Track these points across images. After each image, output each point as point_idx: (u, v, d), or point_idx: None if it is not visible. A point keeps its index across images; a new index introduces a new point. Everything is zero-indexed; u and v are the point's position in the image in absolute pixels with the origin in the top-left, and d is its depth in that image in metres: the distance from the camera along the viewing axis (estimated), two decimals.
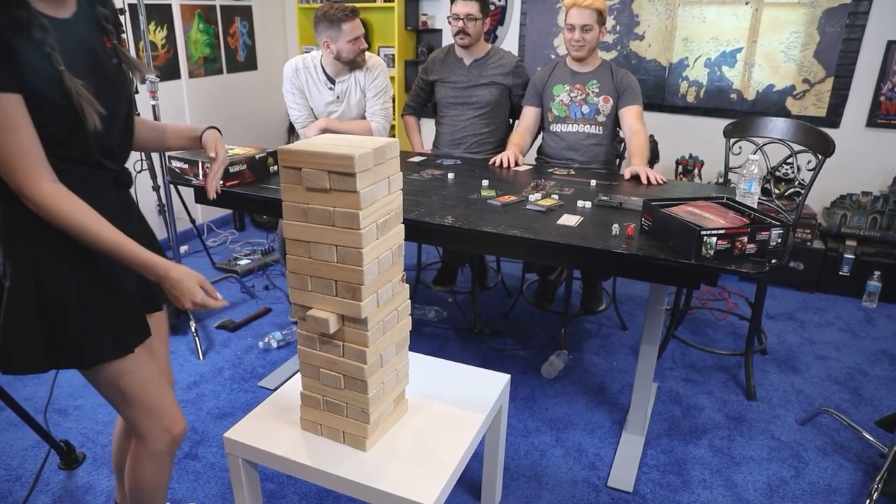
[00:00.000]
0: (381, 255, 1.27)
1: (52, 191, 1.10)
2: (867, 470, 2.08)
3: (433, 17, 4.35)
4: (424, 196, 2.19)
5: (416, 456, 1.38)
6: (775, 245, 1.68)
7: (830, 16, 3.38)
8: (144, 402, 1.35)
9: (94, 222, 1.13)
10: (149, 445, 1.40)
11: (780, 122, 2.63)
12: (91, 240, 1.14)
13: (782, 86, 3.58)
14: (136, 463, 1.44)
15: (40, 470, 2.04)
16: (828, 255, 3.38)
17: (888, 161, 3.44)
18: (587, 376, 2.63)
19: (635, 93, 2.71)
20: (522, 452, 2.15)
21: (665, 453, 2.16)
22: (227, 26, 4.18)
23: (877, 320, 3.15)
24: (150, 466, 1.43)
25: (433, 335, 2.96)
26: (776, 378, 2.62)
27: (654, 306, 2.01)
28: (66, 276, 1.20)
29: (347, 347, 1.31)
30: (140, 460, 1.43)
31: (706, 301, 3.35)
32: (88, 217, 1.13)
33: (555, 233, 1.83)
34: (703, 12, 3.65)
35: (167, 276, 1.19)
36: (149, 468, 1.43)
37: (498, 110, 3.03)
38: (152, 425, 1.38)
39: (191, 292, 1.21)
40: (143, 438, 1.39)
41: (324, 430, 1.42)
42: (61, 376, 2.56)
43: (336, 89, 2.77)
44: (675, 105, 3.85)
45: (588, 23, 2.60)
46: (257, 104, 4.55)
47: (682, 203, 1.88)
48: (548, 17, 4.03)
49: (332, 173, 1.16)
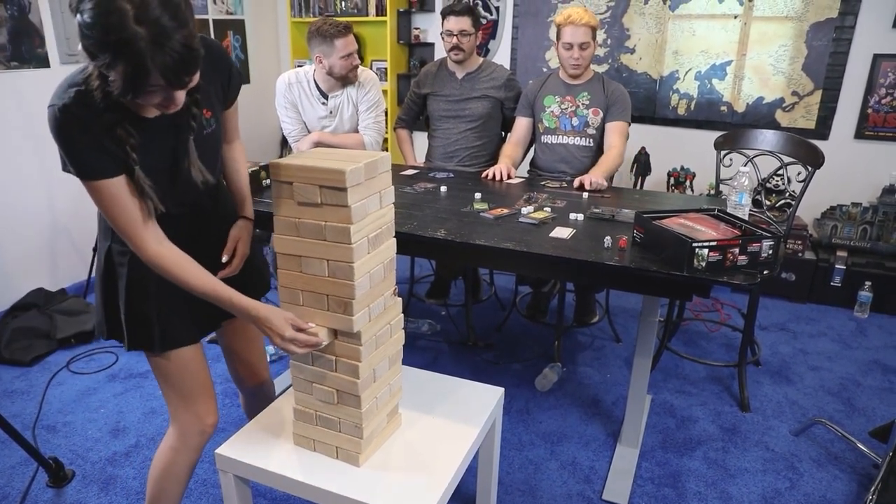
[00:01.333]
0: (372, 269, 1.27)
1: (156, 253, 1.28)
2: (861, 481, 2.08)
3: (425, 31, 4.38)
4: (417, 209, 2.19)
5: (409, 471, 1.37)
6: (767, 256, 1.69)
7: (817, 30, 3.42)
8: (180, 389, 1.49)
9: (193, 275, 1.30)
10: (180, 432, 1.52)
11: (770, 134, 2.65)
12: (191, 288, 1.30)
13: (772, 98, 3.62)
14: (164, 450, 1.54)
15: (28, 488, 2.01)
16: (819, 265, 3.40)
17: (877, 172, 3.48)
18: (581, 389, 2.62)
19: (623, 108, 2.72)
20: (517, 466, 2.14)
21: (660, 466, 2.15)
22: (220, 40, 4.19)
23: (868, 330, 3.17)
24: (178, 453, 1.52)
25: (426, 348, 2.94)
26: (770, 389, 2.62)
27: (648, 318, 2.01)
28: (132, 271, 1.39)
29: (340, 362, 1.31)
30: (171, 446, 1.53)
31: (699, 313, 3.35)
32: (187, 271, 1.29)
33: (547, 245, 1.84)
34: (693, 26, 3.69)
35: (257, 317, 1.30)
36: (177, 455, 1.53)
37: (490, 123, 3.05)
38: (185, 412, 1.50)
39: (279, 330, 1.28)
40: (177, 424, 1.52)
41: (317, 445, 1.41)
42: (51, 392, 2.53)
43: (329, 104, 2.78)
44: (667, 118, 3.89)
45: (585, 40, 2.62)
46: (250, 118, 4.55)
47: (674, 215, 1.89)
48: (539, 30, 4.07)
49: (324, 188, 1.16)
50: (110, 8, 1.01)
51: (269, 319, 1.28)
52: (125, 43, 1.01)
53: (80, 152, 1.18)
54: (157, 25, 1.02)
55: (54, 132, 1.17)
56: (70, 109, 1.15)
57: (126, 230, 1.25)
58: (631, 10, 3.80)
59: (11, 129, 3.01)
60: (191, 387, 1.50)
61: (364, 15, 4.22)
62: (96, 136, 1.17)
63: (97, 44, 1.03)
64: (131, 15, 1.01)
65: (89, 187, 1.22)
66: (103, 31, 1.02)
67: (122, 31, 1.01)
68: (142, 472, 2.09)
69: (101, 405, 2.46)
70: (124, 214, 1.24)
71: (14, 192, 3.03)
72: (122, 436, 2.28)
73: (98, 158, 1.19)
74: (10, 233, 3.08)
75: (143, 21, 1.01)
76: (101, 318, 1.47)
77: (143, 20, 1.01)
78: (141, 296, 1.41)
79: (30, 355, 2.76)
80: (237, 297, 1.31)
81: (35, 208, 3.17)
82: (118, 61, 1.03)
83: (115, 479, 2.06)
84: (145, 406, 2.44)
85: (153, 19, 1.02)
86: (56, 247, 3.32)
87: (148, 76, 1.05)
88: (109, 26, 1.01)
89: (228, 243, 1.52)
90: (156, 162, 1.28)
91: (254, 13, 4.47)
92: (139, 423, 2.35)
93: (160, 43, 1.03)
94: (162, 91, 1.10)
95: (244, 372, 1.73)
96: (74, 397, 2.51)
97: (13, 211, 3.07)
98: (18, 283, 3.12)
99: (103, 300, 1.45)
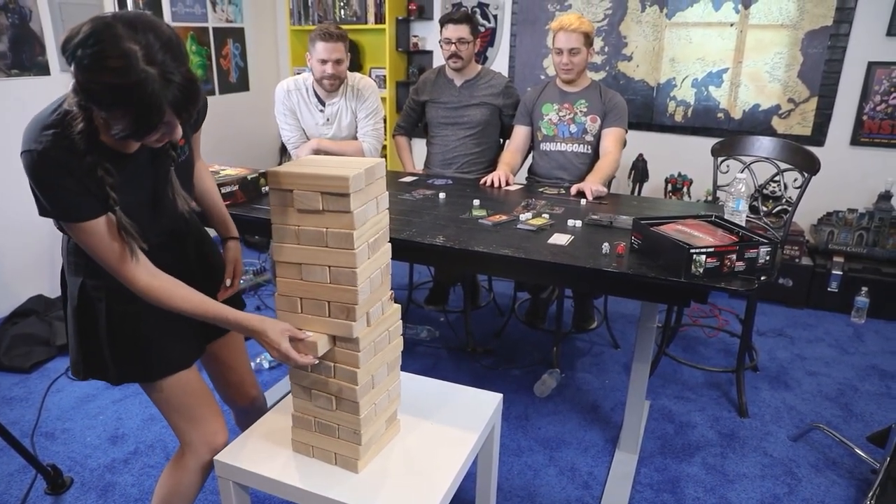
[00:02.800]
0: (372, 274, 1.28)
1: (147, 286, 1.25)
2: (860, 486, 2.09)
3: (424, 38, 4.40)
4: (416, 216, 2.20)
5: (408, 477, 1.37)
6: (764, 262, 1.70)
7: (812, 37, 3.45)
8: (186, 413, 1.47)
9: (186, 300, 1.28)
10: (190, 454, 1.48)
11: (766, 140, 2.67)
12: (185, 312, 1.28)
13: (768, 105, 3.64)
14: (174, 468, 1.51)
15: (26, 495, 2.00)
16: (816, 271, 3.41)
17: (872, 178, 3.49)
18: (580, 395, 2.62)
19: (620, 116, 2.74)
20: (516, 472, 2.14)
21: (658, 471, 2.16)
22: (220, 48, 4.21)
23: (865, 336, 3.17)
24: (187, 475, 1.49)
25: (425, 354, 2.95)
26: (768, 394, 2.63)
27: (646, 324, 2.02)
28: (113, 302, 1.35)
29: (339, 368, 1.31)
30: (179, 465, 1.50)
31: (697, 318, 3.36)
32: (180, 297, 1.28)
33: (545, 252, 1.84)
34: (690, 34, 3.71)
35: (255, 331, 1.29)
36: (186, 477, 1.49)
37: (488, 130, 3.06)
38: (194, 434, 1.47)
39: (276, 343, 1.27)
40: (188, 446, 1.48)
41: (315, 451, 1.41)
42: (49, 399, 2.53)
43: (326, 111, 2.79)
44: (664, 124, 3.91)
45: (575, 46, 2.64)
46: (249, 125, 4.57)
47: (672, 221, 1.90)
48: (537, 38, 4.09)
49: (326, 194, 1.17)
50: (118, 52, 0.98)
51: (266, 332, 1.28)
52: (138, 85, 0.99)
53: (63, 196, 1.14)
54: (164, 64, 1.02)
55: (33, 178, 1.13)
56: (49, 153, 1.10)
57: (115, 268, 1.23)
58: (628, 17, 3.82)
59: (12, 136, 3.00)
60: (197, 408, 1.48)
61: (363, 22, 4.24)
62: (78, 179, 1.13)
63: (104, 89, 1.00)
64: (140, 56, 0.99)
65: (75, 229, 1.19)
66: (113, 74, 0.99)
67: (133, 74, 0.99)
68: (140, 479, 2.09)
69: (100, 412, 2.46)
70: (112, 252, 1.21)
71: (14, 198, 3.03)
72: (120, 443, 2.27)
73: (81, 201, 1.16)
74: (10, 240, 3.09)
75: (151, 61, 1.00)
76: (78, 357, 1.41)
77: (152, 60, 1.00)
78: (126, 328, 1.37)
79: (29, 362, 2.76)
80: (232, 313, 1.31)
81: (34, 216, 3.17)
82: (128, 104, 1.01)
83: (113, 486, 2.06)
84: (144, 413, 2.44)
85: (160, 59, 1.01)
86: (55, 254, 3.32)
87: (162, 115, 1.04)
88: (119, 70, 0.98)
89: (227, 266, 1.57)
90: (137, 198, 1.26)
91: (253, 21, 4.50)
92: (138, 430, 2.35)
93: (168, 80, 1.02)
94: (165, 127, 1.09)
95: (234, 393, 1.72)
96: (73, 404, 2.51)
97: (13, 218, 3.07)
98: (18, 290, 3.13)
99: (79, 339, 1.40)
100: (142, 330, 1.38)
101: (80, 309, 1.37)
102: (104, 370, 1.40)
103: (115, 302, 1.35)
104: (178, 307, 1.28)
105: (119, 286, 1.27)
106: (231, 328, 1.34)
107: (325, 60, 2.60)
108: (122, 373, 1.40)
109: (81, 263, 1.34)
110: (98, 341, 1.38)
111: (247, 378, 1.73)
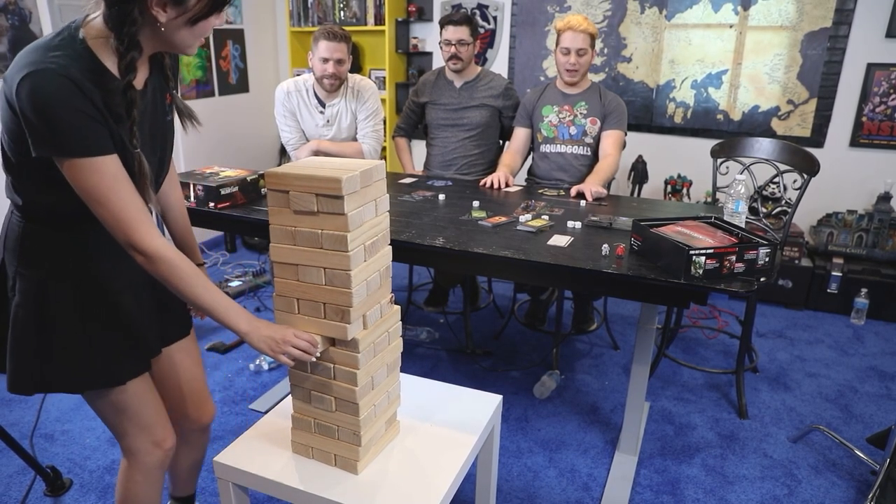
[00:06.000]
0: (369, 276, 1.28)
1: (160, 246, 1.13)
2: (860, 487, 2.08)
3: (424, 40, 4.40)
4: (416, 217, 2.20)
5: (408, 478, 1.37)
6: (763, 264, 1.70)
7: (811, 39, 3.45)
8: (136, 420, 1.38)
9: (197, 281, 1.18)
10: (140, 461, 1.41)
11: (765, 142, 2.67)
12: (189, 295, 1.18)
13: (767, 107, 3.65)
14: (126, 480, 1.44)
15: (25, 497, 2.00)
16: (815, 272, 3.41)
17: (871, 180, 3.50)
18: (579, 396, 2.62)
19: (620, 118, 2.74)
20: (515, 473, 2.14)
21: (658, 473, 2.15)
22: (220, 49, 4.21)
23: (865, 337, 3.17)
24: (142, 483, 1.43)
25: (425, 356, 2.95)
26: (767, 396, 2.63)
27: (645, 325, 2.02)
28: (70, 302, 1.23)
29: (338, 370, 1.31)
30: (131, 477, 1.43)
31: (696, 320, 3.36)
32: (192, 275, 1.17)
33: (545, 253, 1.84)
34: (689, 35, 3.72)
35: (244, 333, 1.23)
36: (141, 485, 1.43)
37: (488, 132, 3.06)
38: (143, 441, 1.40)
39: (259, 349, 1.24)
40: (135, 454, 1.40)
41: (315, 453, 1.41)
42: (49, 400, 2.53)
43: (326, 113, 2.79)
44: (663, 126, 3.91)
45: (583, 46, 2.64)
46: (249, 126, 4.57)
47: (671, 223, 1.90)
48: (537, 39, 4.10)
49: (320, 196, 1.17)
50: None
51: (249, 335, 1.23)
52: None
53: (78, 123, 1.01)
54: None
55: (46, 100, 0.99)
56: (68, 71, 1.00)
57: (128, 218, 1.09)
58: (627, 19, 3.83)
59: None
60: (150, 415, 1.39)
61: (363, 24, 4.25)
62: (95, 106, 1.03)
63: None
64: None
65: (87, 168, 1.04)
66: None
67: None
68: None
69: None
70: (127, 198, 1.08)
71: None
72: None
73: (99, 130, 1.04)
74: None
75: None
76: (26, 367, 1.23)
77: None
78: (85, 328, 1.23)
79: None
80: (231, 312, 1.23)
81: None
82: None
83: (112, 487, 2.05)
84: None
85: None
86: None
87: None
88: None
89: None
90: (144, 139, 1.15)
91: (253, 22, 4.50)
92: None
93: None
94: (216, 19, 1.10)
95: (191, 405, 1.56)
96: (72, 406, 2.50)
97: None
98: None
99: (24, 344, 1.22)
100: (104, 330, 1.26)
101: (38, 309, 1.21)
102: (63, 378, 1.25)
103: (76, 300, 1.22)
104: (181, 280, 1.16)
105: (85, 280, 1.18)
106: (222, 322, 1.25)
107: (327, 59, 2.61)
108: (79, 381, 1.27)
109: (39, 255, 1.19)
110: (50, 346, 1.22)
111: (206, 389, 1.62)
